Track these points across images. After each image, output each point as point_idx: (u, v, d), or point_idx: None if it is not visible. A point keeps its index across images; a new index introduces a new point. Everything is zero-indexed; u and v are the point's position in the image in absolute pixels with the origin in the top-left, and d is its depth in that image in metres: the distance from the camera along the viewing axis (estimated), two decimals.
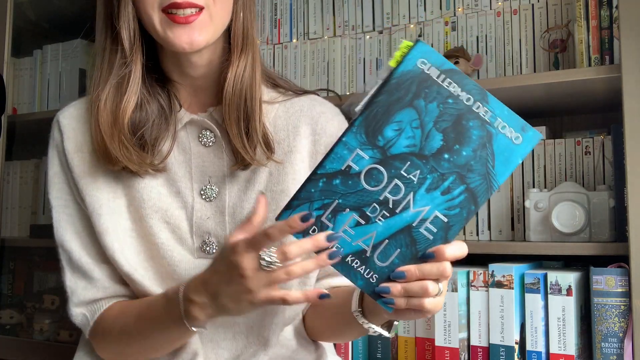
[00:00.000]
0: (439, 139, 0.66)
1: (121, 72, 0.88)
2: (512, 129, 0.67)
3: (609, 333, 1.11)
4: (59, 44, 1.85)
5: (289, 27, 1.60)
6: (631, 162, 1.09)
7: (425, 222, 0.68)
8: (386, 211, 0.67)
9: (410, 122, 0.66)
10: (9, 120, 1.80)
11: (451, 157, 0.66)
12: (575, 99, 1.31)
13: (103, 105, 0.87)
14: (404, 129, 0.66)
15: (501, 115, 0.67)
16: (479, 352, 1.21)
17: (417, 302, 0.69)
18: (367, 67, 1.51)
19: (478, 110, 0.66)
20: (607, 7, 1.22)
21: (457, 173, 0.66)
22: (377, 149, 0.67)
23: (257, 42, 0.93)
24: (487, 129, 0.66)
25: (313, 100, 0.99)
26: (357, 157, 0.67)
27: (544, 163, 1.33)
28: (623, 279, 1.10)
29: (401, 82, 0.65)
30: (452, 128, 0.66)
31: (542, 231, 1.24)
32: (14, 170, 1.91)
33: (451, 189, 0.67)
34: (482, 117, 0.66)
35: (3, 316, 1.86)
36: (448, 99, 0.65)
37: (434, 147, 0.66)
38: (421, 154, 0.66)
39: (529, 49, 1.35)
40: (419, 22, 1.46)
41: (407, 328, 1.32)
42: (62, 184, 0.94)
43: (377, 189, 0.67)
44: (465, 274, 1.23)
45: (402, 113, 0.66)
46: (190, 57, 0.89)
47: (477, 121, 0.66)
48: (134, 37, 0.87)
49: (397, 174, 0.67)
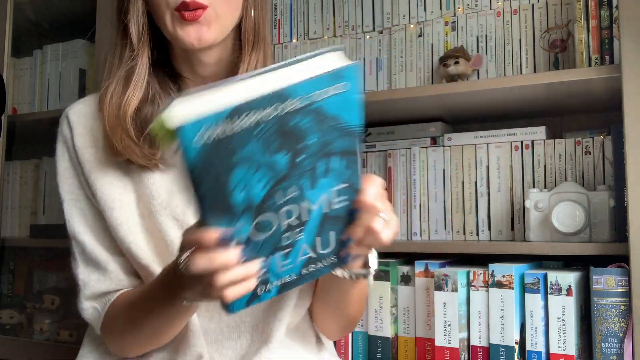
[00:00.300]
0: (281, 156, 0.62)
1: (128, 65, 0.90)
2: (331, 87, 0.62)
3: (609, 333, 1.11)
4: (59, 44, 1.85)
5: (289, 27, 1.60)
6: (631, 162, 1.09)
7: (333, 202, 0.68)
8: (298, 227, 0.67)
9: (245, 175, 0.61)
10: (9, 120, 1.80)
11: (304, 154, 0.64)
12: (575, 99, 1.31)
13: (109, 98, 0.89)
14: (247, 183, 0.62)
15: (312, 88, 0.61)
16: (479, 352, 1.21)
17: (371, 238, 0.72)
18: (367, 67, 1.51)
19: (286, 109, 0.61)
20: (607, 7, 1.22)
21: (320, 157, 0.65)
22: (242, 215, 0.63)
23: (268, 40, 0.95)
24: (310, 111, 0.62)
25: None
26: (237, 233, 0.64)
27: (544, 163, 1.33)
28: (623, 279, 1.10)
29: (201, 167, 0.59)
30: (283, 141, 0.62)
31: (542, 231, 1.25)
32: (14, 170, 1.91)
33: (329, 169, 0.66)
34: (296, 109, 0.61)
35: (3, 316, 1.86)
36: (254, 131, 0.60)
37: (284, 164, 0.63)
38: (280, 179, 0.64)
39: (529, 49, 1.35)
40: (419, 22, 1.46)
41: (407, 328, 1.32)
42: (73, 179, 0.95)
43: (275, 229, 0.66)
44: (465, 274, 1.23)
45: (231, 181, 0.61)
46: (199, 55, 0.91)
47: (296, 115, 0.61)
48: (142, 32, 0.90)
49: (278, 206, 0.65)
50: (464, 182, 1.40)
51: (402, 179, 1.45)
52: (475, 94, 1.28)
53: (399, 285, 1.33)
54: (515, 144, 1.36)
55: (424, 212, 1.42)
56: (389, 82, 1.48)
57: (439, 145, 1.43)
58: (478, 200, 1.38)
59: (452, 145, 1.41)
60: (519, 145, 1.35)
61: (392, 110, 1.42)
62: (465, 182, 1.39)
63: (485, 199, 1.37)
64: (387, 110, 1.42)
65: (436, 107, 1.40)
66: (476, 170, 1.38)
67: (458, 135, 1.41)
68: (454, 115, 1.48)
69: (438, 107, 1.40)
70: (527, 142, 1.35)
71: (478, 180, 1.38)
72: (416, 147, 1.44)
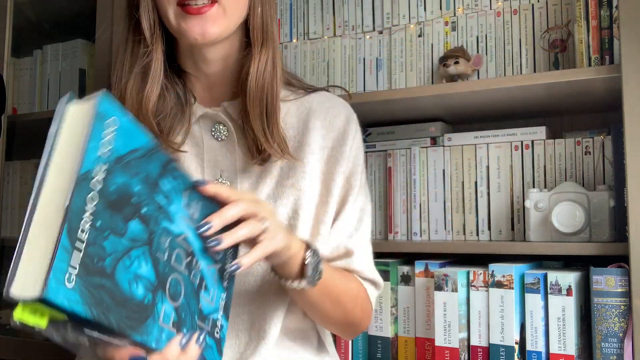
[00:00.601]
0: (132, 224, 0.61)
1: (144, 61, 0.90)
2: (106, 131, 0.59)
3: (609, 333, 1.11)
4: (59, 44, 1.85)
5: (289, 27, 1.60)
6: (631, 162, 1.09)
7: (192, 215, 0.69)
8: (191, 259, 0.68)
9: (126, 271, 0.59)
10: (9, 120, 1.80)
11: (144, 204, 0.63)
12: (575, 99, 1.31)
13: (129, 95, 0.89)
14: (134, 274, 0.60)
15: (96, 149, 0.58)
16: (479, 352, 1.21)
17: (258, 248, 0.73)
18: (367, 67, 1.51)
19: (98, 183, 0.58)
20: (607, 7, 1.22)
21: (154, 193, 0.64)
22: (155, 303, 0.63)
23: (277, 37, 0.94)
24: (114, 167, 0.60)
25: (322, 96, 1.01)
26: (166, 318, 0.64)
27: (544, 163, 1.33)
28: (623, 279, 1.10)
29: (92, 303, 0.55)
30: (120, 211, 0.60)
31: (542, 231, 1.24)
32: (14, 170, 1.91)
33: (167, 195, 0.66)
34: (104, 176, 0.59)
35: (3, 316, 1.86)
36: (102, 233, 0.57)
37: (140, 227, 0.62)
38: (149, 241, 0.63)
39: (529, 49, 1.35)
40: (419, 22, 1.46)
41: (407, 328, 1.32)
42: None
43: (183, 281, 0.67)
44: (465, 274, 1.23)
45: (123, 289, 0.59)
46: (204, 51, 0.90)
47: (109, 181, 0.59)
48: (154, 27, 0.89)
49: (167, 264, 0.65)
50: (464, 182, 1.40)
51: (402, 179, 1.45)
52: (475, 94, 1.28)
53: (399, 285, 1.33)
54: (515, 144, 1.36)
55: (424, 212, 1.42)
56: (389, 82, 1.48)
57: (439, 145, 1.43)
58: (478, 200, 1.38)
59: (452, 145, 1.41)
60: (519, 145, 1.35)
61: (392, 110, 1.42)
62: (465, 182, 1.39)
63: (485, 199, 1.37)
64: (387, 110, 1.42)
65: (436, 107, 1.40)
66: (476, 170, 1.38)
67: (458, 135, 1.41)
68: (454, 115, 1.48)
69: (438, 107, 1.40)
70: (527, 142, 1.35)
71: (478, 180, 1.38)
72: (416, 147, 1.44)
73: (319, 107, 0.98)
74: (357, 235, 0.98)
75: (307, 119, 0.97)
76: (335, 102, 1.01)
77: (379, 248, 1.38)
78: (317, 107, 0.98)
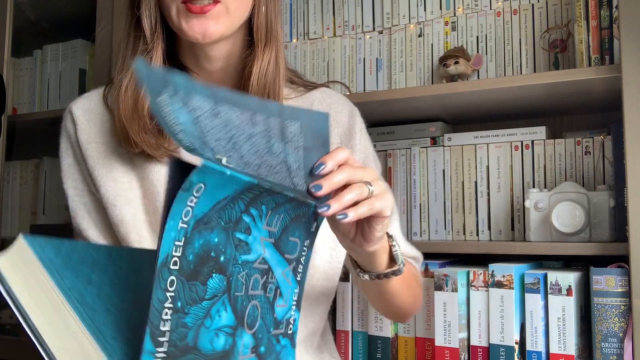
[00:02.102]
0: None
1: (143, 58, 0.89)
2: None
3: (609, 333, 1.11)
4: (59, 44, 1.85)
5: (289, 27, 1.60)
6: (631, 162, 1.09)
7: (257, 262, 0.64)
8: (268, 276, 0.65)
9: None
10: (9, 120, 1.80)
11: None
12: (575, 99, 1.31)
13: (124, 91, 0.89)
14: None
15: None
16: (479, 352, 1.21)
17: (363, 207, 0.66)
18: (367, 67, 1.51)
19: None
20: (607, 7, 1.22)
21: (224, 251, 0.58)
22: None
23: (281, 36, 0.94)
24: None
25: (323, 92, 1.01)
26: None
27: (544, 163, 1.33)
28: (623, 279, 1.10)
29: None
30: (189, 291, 0.55)
31: (542, 231, 1.24)
32: (14, 170, 1.91)
33: (239, 243, 0.60)
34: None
35: (3, 316, 1.86)
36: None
37: (202, 313, 0.56)
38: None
39: (529, 49, 1.35)
40: (419, 22, 1.46)
41: (407, 328, 1.32)
42: (77, 174, 0.95)
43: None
44: (465, 274, 1.23)
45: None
46: (206, 49, 0.90)
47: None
48: (155, 25, 0.89)
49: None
50: (464, 182, 1.40)
51: (402, 179, 1.45)
52: (475, 94, 1.28)
53: None
54: (515, 144, 1.36)
55: (424, 212, 1.42)
56: (389, 82, 1.48)
57: (439, 145, 1.43)
58: (478, 200, 1.38)
59: (452, 145, 1.41)
60: (519, 145, 1.35)
61: (392, 110, 1.42)
62: (465, 182, 1.39)
63: (485, 199, 1.37)
64: (387, 110, 1.42)
65: (436, 107, 1.40)
66: (476, 170, 1.38)
67: (458, 135, 1.41)
68: (454, 115, 1.48)
69: (438, 107, 1.40)
70: (527, 142, 1.35)
71: (478, 180, 1.38)
72: (416, 147, 1.44)
73: (321, 104, 0.99)
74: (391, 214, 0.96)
75: None
76: (336, 98, 1.02)
77: None
78: (319, 105, 0.98)
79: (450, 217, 1.40)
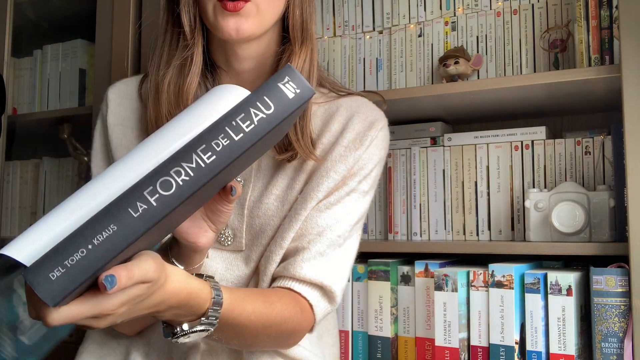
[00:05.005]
0: None
1: (184, 54, 0.91)
2: None
3: (609, 333, 1.11)
4: (59, 44, 1.85)
5: None
6: (631, 162, 1.09)
7: None
8: None
9: None
10: (9, 120, 1.80)
11: None
12: (575, 99, 1.31)
13: (167, 86, 0.91)
14: None
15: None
16: (479, 352, 1.21)
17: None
18: (367, 67, 1.51)
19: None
20: (607, 7, 1.22)
21: None
22: None
23: (315, 38, 0.95)
24: None
25: (355, 100, 1.01)
26: None
27: (544, 163, 1.33)
28: (623, 279, 1.10)
29: None
30: None
31: (542, 231, 1.24)
32: (14, 170, 1.91)
33: None
34: None
35: None
36: None
37: None
38: None
39: (529, 49, 1.35)
40: (419, 22, 1.46)
41: (407, 328, 1.32)
42: (104, 154, 0.98)
43: None
44: (465, 274, 1.23)
45: None
46: (236, 48, 0.92)
47: None
48: (194, 21, 0.91)
49: None
50: (464, 182, 1.40)
51: (402, 179, 1.45)
52: (475, 94, 1.28)
53: (399, 285, 1.33)
54: (515, 144, 1.36)
55: (424, 212, 1.42)
56: (389, 82, 1.48)
57: (439, 145, 1.43)
58: (478, 200, 1.38)
59: (452, 145, 1.41)
60: (519, 145, 1.35)
61: (392, 110, 1.41)
62: (465, 182, 1.39)
63: (485, 199, 1.37)
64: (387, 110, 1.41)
65: (436, 107, 1.40)
66: (476, 170, 1.38)
67: (458, 135, 1.41)
68: (454, 115, 1.48)
69: (438, 107, 1.40)
70: (527, 142, 1.35)
71: (478, 180, 1.38)
72: (416, 147, 1.44)
73: (345, 110, 0.98)
74: (329, 233, 0.92)
75: (331, 121, 0.97)
76: (363, 107, 1.00)
77: (379, 248, 1.38)
78: (343, 111, 0.98)
79: (450, 217, 1.40)
